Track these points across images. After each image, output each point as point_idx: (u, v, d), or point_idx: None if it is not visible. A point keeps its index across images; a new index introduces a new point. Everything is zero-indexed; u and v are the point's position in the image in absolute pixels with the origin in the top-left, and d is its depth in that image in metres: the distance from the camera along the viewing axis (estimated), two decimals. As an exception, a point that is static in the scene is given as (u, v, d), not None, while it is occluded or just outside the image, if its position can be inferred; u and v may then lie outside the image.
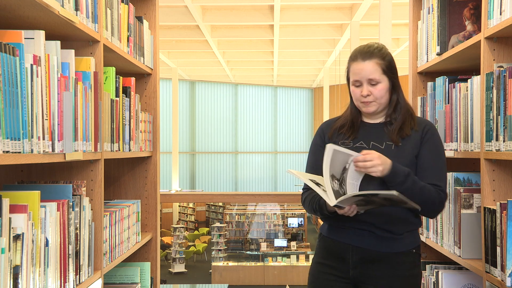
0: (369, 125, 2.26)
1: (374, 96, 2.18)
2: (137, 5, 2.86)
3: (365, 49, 2.19)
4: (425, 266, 2.81)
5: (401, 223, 2.17)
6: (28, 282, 1.46)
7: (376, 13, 10.47)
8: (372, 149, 2.15)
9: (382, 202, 2.04)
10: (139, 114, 2.71)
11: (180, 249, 14.76)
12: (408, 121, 2.20)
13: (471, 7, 2.54)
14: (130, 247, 2.57)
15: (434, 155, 2.18)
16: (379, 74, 2.16)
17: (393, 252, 2.17)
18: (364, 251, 2.17)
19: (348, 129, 2.26)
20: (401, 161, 2.10)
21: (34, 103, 1.52)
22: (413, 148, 2.17)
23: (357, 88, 2.20)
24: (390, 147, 2.17)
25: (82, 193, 1.92)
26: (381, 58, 2.17)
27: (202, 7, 11.75)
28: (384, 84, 2.18)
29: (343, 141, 2.23)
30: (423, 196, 2.10)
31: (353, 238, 2.19)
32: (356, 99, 2.21)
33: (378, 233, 2.16)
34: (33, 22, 1.75)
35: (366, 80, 2.17)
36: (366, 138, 2.22)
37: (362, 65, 2.17)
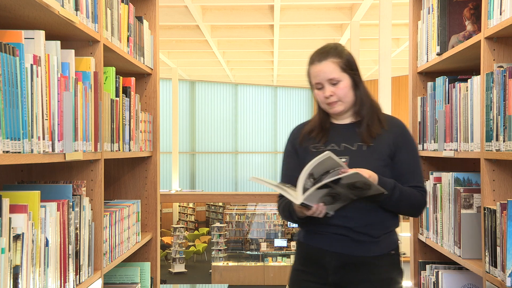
0: (339, 127, 2.24)
1: (337, 95, 2.15)
2: (137, 5, 2.86)
3: (321, 50, 2.20)
4: (425, 266, 2.81)
5: (378, 226, 2.15)
6: (28, 282, 1.46)
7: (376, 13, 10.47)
8: (344, 151, 2.15)
9: (347, 193, 2.02)
10: (139, 114, 2.71)
11: (180, 249, 14.76)
12: (375, 119, 2.19)
13: (471, 7, 2.54)
14: (130, 247, 2.57)
15: (413, 158, 2.20)
16: (338, 73, 2.15)
17: (371, 255, 2.14)
18: (341, 256, 2.15)
19: (318, 133, 2.24)
20: (374, 162, 2.11)
21: (34, 103, 1.52)
22: (386, 148, 2.16)
23: (320, 91, 2.18)
24: (361, 147, 2.16)
25: (82, 193, 1.92)
26: (337, 56, 2.16)
27: (202, 7, 11.75)
28: (346, 82, 2.16)
29: (314, 145, 2.22)
30: (410, 202, 2.14)
31: (330, 243, 2.16)
32: (321, 101, 2.19)
33: (355, 237, 2.13)
34: (33, 22, 1.75)
35: (326, 81, 2.15)
36: (337, 140, 2.20)
37: (319, 66, 2.16)
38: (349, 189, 2.00)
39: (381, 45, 9.29)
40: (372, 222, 2.14)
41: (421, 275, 2.86)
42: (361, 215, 2.12)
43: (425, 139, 2.82)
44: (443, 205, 2.54)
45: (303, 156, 2.22)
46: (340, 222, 2.12)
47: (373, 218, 2.14)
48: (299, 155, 2.25)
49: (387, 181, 2.09)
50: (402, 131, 2.21)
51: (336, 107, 2.17)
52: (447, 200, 2.49)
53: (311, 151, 2.20)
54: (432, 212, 2.69)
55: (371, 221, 2.14)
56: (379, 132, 2.17)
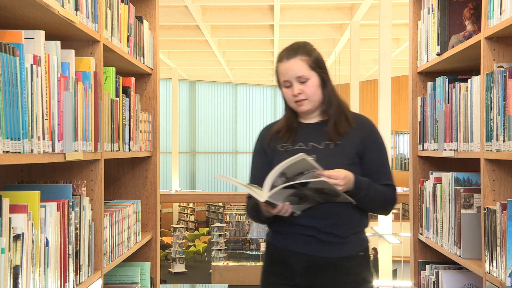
0: (306, 126, 2.23)
1: (305, 94, 2.15)
2: (137, 5, 2.86)
3: (289, 48, 2.19)
4: (425, 266, 2.81)
5: (346, 226, 2.14)
6: (28, 282, 1.46)
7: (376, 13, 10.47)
8: (311, 150, 2.14)
9: (315, 196, 2.01)
10: (139, 114, 2.71)
11: (180, 249, 14.77)
12: (342, 117, 2.18)
13: (471, 7, 2.54)
14: (130, 247, 2.57)
15: (381, 156, 2.21)
16: (307, 71, 2.14)
17: (339, 257, 2.12)
18: (309, 257, 2.12)
19: (285, 132, 2.22)
20: (341, 161, 2.11)
21: (34, 103, 1.52)
22: (353, 146, 2.16)
23: (288, 89, 2.17)
24: (328, 146, 2.16)
25: (82, 193, 1.92)
26: (306, 54, 2.15)
27: (202, 7, 11.75)
28: (314, 80, 2.15)
29: (282, 144, 2.20)
30: (383, 200, 2.16)
31: (298, 244, 2.13)
32: (289, 100, 2.18)
33: (322, 237, 2.11)
34: (33, 22, 1.75)
35: (294, 79, 2.14)
36: (305, 139, 2.19)
37: (288, 64, 2.15)
38: (316, 193, 2.00)
39: (381, 45, 9.29)
40: (340, 222, 2.12)
41: (421, 275, 2.86)
42: (328, 216, 2.11)
43: (425, 139, 2.82)
44: (443, 205, 2.54)
45: (271, 156, 2.21)
46: (306, 222, 2.11)
47: (340, 219, 2.13)
48: (268, 155, 2.24)
49: (363, 180, 2.09)
50: (369, 129, 2.21)
51: (304, 105, 2.16)
52: (447, 200, 2.49)
53: (279, 151, 2.19)
54: (432, 212, 2.69)
55: (339, 222, 2.12)
56: (347, 130, 2.16)
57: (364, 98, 20.03)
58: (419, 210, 2.91)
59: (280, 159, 2.09)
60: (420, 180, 2.89)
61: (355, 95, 13.25)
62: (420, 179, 2.90)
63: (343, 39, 14.07)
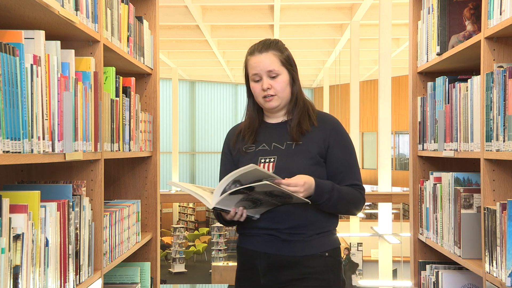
0: (271, 126, 2.20)
1: (275, 89, 2.11)
2: (137, 5, 2.86)
3: (262, 42, 2.16)
4: (425, 266, 2.81)
5: (310, 227, 2.09)
6: (28, 282, 1.46)
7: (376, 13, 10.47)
8: (273, 150, 2.11)
9: (268, 199, 1.97)
10: (139, 114, 2.71)
11: (180, 249, 14.77)
12: (305, 116, 2.14)
13: (471, 7, 2.54)
14: (130, 247, 2.57)
15: (347, 155, 2.15)
16: (278, 66, 2.11)
17: (301, 255, 2.07)
18: (270, 256, 2.09)
19: (248, 133, 2.19)
20: (302, 161, 2.06)
21: (34, 103, 1.52)
22: (316, 146, 2.11)
23: (257, 83, 2.13)
24: (290, 146, 2.11)
25: (82, 193, 1.92)
26: (278, 50, 2.13)
27: (202, 7, 11.75)
28: (284, 77, 2.12)
29: (245, 146, 2.17)
30: (349, 202, 2.10)
31: (260, 244, 2.11)
32: (257, 95, 2.14)
33: (284, 237, 2.07)
34: (33, 22, 1.75)
35: (265, 73, 2.11)
36: (268, 140, 2.15)
37: (260, 57, 2.12)
38: (268, 196, 1.94)
39: (381, 45, 9.30)
40: (303, 224, 2.08)
41: (421, 275, 2.86)
42: (290, 218, 2.07)
43: (425, 139, 2.82)
44: (443, 205, 2.54)
45: (237, 158, 2.19)
46: (269, 225, 2.08)
47: (303, 220, 2.08)
48: (234, 157, 2.21)
49: (325, 184, 2.04)
50: (333, 128, 2.16)
51: (272, 101, 2.13)
52: (447, 200, 2.49)
53: (244, 152, 2.17)
54: (432, 212, 2.69)
55: (302, 223, 2.08)
56: (309, 129, 2.12)
57: (364, 98, 20.03)
58: (419, 210, 2.91)
59: (244, 160, 2.10)
60: (420, 180, 2.89)
61: (355, 95, 13.26)
62: (420, 179, 2.90)
63: (343, 39, 14.07)
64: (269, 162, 2.10)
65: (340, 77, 18.16)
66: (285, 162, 2.07)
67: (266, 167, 2.08)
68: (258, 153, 2.12)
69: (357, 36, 12.48)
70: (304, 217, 2.08)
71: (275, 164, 2.07)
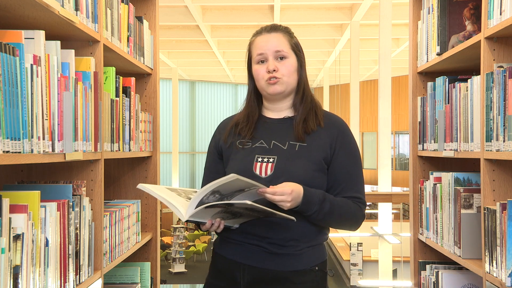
0: (271, 121, 1.96)
1: (281, 72, 1.89)
2: (137, 5, 2.86)
3: (270, 25, 1.97)
4: (425, 266, 2.81)
5: (302, 239, 1.87)
6: (28, 282, 1.46)
7: (376, 13, 10.48)
8: (272, 149, 1.87)
9: (249, 213, 1.76)
10: (139, 114, 2.71)
11: (180, 249, 14.76)
12: (312, 113, 1.93)
13: (471, 7, 2.54)
14: (130, 247, 2.57)
15: (352, 164, 1.91)
16: (287, 48, 1.91)
17: (290, 270, 1.85)
18: (256, 270, 1.86)
19: (245, 125, 1.94)
20: (305, 165, 1.84)
21: (34, 103, 1.52)
22: (322, 150, 1.88)
23: (261, 65, 1.91)
24: (293, 147, 1.88)
25: (82, 193, 1.92)
26: (288, 34, 1.95)
27: (202, 7, 11.75)
28: (292, 60, 1.91)
29: (240, 141, 1.92)
30: (343, 216, 1.87)
31: (244, 255, 1.87)
32: (260, 78, 1.91)
33: (273, 249, 1.85)
34: (33, 22, 1.75)
35: (272, 53, 1.90)
36: (268, 137, 1.91)
37: (268, 36, 1.92)
38: (248, 210, 1.74)
39: (381, 45, 9.30)
40: (296, 236, 1.86)
41: (421, 275, 2.86)
42: (282, 228, 1.84)
43: (425, 139, 2.82)
44: (443, 205, 2.54)
45: (228, 154, 1.95)
46: (260, 232, 1.85)
47: (296, 232, 1.86)
48: (224, 152, 1.96)
49: (315, 193, 1.81)
50: (341, 131, 1.93)
51: (276, 85, 1.89)
52: (447, 200, 2.49)
53: (237, 148, 1.92)
54: (432, 212, 2.69)
55: (295, 235, 1.86)
56: (314, 128, 1.90)
57: (364, 98, 20.03)
58: (419, 210, 2.91)
59: (238, 157, 1.88)
60: (420, 180, 2.89)
61: (355, 95, 13.27)
62: (420, 179, 2.90)
63: (343, 39, 14.07)
64: (267, 162, 1.86)
65: (340, 77, 18.17)
66: (286, 164, 1.85)
67: (264, 167, 1.86)
68: (255, 150, 1.89)
69: (357, 36, 12.48)
70: (297, 228, 1.85)
71: (274, 165, 1.85)
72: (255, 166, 1.86)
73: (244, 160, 1.89)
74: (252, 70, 1.96)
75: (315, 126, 1.91)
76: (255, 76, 1.94)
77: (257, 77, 1.93)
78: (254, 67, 1.94)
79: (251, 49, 1.97)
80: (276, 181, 1.79)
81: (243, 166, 1.88)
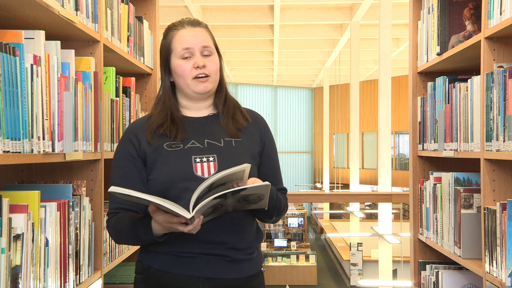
0: (194, 120, 1.83)
1: (209, 69, 1.78)
2: (137, 5, 2.86)
3: (190, 19, 1.85)
4: (425, 266, 2.81)
5: (253, 237, 1.81)
6: (28, 282, 1.46)
7: (376, 13, 10.48)
8: (208, 148, 1.76)
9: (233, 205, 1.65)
10: (139, 114, 2.71)
11: (180, 249, 14.76)
12: (237, 111, 1.86)
13: (471, 7, 2.54)
14: (130, 247, 2.57)
15: (276, 157, 1.90)
16: (212, 45, 1.81)
17: (244, 276, 1.77)
18: (216, 281, 1.73)
19: (171, 126, 1.79)
20: (246, 160, 1.74)
21: (34, 103, 1.52)
22: (255, 144, 1.83)
23: (188, 61, 1.77)
24: (230, 143, 1.79)
25: (82, 193, 1.92)
26: (209, 31, 1.85)
27: (202, 7, 11.76)
28: (217, 58, 1.82)
29: (169, 143, 1.77)
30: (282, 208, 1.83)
31: (203, 267, 1.72)
32: (186, 75, 1.77)
33: (232, 255, 1.74)
34: (33, 22, 1.75)
35: (199, 49, 1.78)
36: (198, 136, 1.79)
37: (194, 30, 1.80)
38: (238, 201, 1.64)
39: (381, 45, 9.31)
40: (248, 236, 1.79)
41: (421, 275, 2.86)
42: (237, 228, 1.75)
43: (425, 139, 2.82)
44: (443, 205, 2.54)
45: (153, 159, 1.76)
46: (216, 238, 1.72)
47: (248, 230, 1.79)
48: (148, 157, 1.76)
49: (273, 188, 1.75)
50: (265, 126, 1.90)
51: (207, 83, 1.78)
52: (447, 200, 2.49)
53: (166, 150, 1.76)
54: (432, 212, 2.69)
55: (248, 234, 1.79)
56: (244, 125, 1.84)
57: (364, 98, 20.04)
58: (419, 210, 2.91)
59: (168, 160, 1.74)
60: (420, 180, 2.89)
61: (355, 95, 13.28)
62: (420, 179, 2.90)
63: (343, 39, 14.08)
64: (207, 162, 1.74)
65: (340, 77, 18.17)
66: (228, 161, 1.74)
67: (206, 167, 1.73)
68: (189, 151, 1.75)
69: (357, 36, 12.49)
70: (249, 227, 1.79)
71: (216, 163, 1.73)
72: (195, 167, 1.72)
73: (179, 163, 1.74)
74: (173, 65, 1.80)
75: (244, 122, 1.85)
76: (179, 72, 1.78)
77: (182, 73, 1.78)
78: (177, 62, 1.79)
79: (172, 42, 1.80)
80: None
81: (181, 169, 1.73)
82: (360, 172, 15.22)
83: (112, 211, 1.79)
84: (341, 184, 19.47)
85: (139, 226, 1.70)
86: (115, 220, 1.76)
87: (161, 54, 1.84)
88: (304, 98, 25.86)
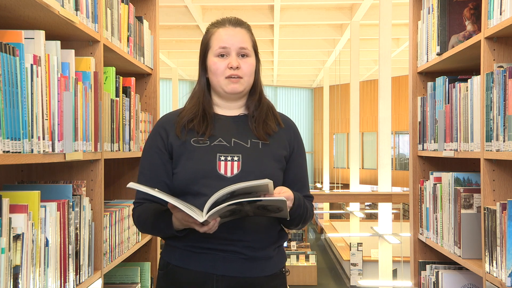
0: (225, 118, 1.84)
1: (243, 71, 1.78)
2: (137, 5, 2.86)
3: (232, 18, 1.86)
4: (425, 266, 2.81)
5: (271, 239, 1.80)
6: (28, 282, 1.46)
7: (376, 13, 10.48)
8: (234, 147, 1.77)
9: (252, 211, 1.66)
10: (139, 114, 2.71)
11: (180, 249, 14.75)
12: (270, 114, 1.86)
13: (471, 7, 2.54)
14: (130, 247, 2.57)
15: (305, 164, 1.91)
16: (250, 47, 1.82)
17: (264, 275, 1.77)
18: (231, 280, 1.73)
19: (201, 123, 1.80)
20: (271, 163, 1.77)
21: (34, 103, 1.52)
22: (282, 148, 1.83)
23: (223, 60, 1.78)
24: (256, 145, 1.79)
25: (82, 193, 1.92)
26: (250, 31, 1.86)
27: (202, 7, 11.76)
28: (253, 60, 1.82)
29: (195, 138, 1.78)
30: (306, 218, 1.83)
31: (218, 264, 1.73)
32: (220, 73, 1.78)
33: (249, 253, 1.74)
34: (33, 22, 1.75)
35: (236, 49, 1.79)
36: (226, 135, 1.79)
37: (234, 30, 1.81)
38: (257, 209, 1.65)
39: (381, 45, 9.30)
40: (267, 236, 1.78)
41: (421, 275, 2.86)
42: (255, 228, 1.75)
43: (425, 139, 2.82)
44: (443, 205, 2.54)
45: (179, 153, 1.78)
46: (232, 236, 1.73)
47: (270, 230, 1.79)
48: (175, 151, 1.79)
49: (299, 197, 1.77)
50: (295, 131, 1.90)
51: (237, 85, 1.78)
52: (447, 200, 2.49)
53: (192, 146, 1.78)
54: (432, 212, 2.69)
55: (268, 234, 1.79)
56: (275, 129, 1.83)
57: (364, 98, 20.04)
58: (419, 210, 2.91)
59: (193, 156, 1.75)
60: (420, 180, 2.89)
61: (355, 95, 13.27)
62: (420, 179, 2.90)
63: (343, 39, 14.08)
64: (232, 161, 1.75)
65: (340, 77, 18.17)
66: (252, 162, 1.75)
67: (230, 166, 1.74)
68: (214, 149, 1.76)
69: (357, 36, 12.48)
70: (270, 228, 1.80)
71: (240, 163, 1.74)
72: (218, 165, 1.73)
73: (203, 159, 1.75)
74: (209, 62, 1.81)
75: (276, 127, 1.85)
76: (213, 70, 1.80)
77: (216, 71, 1.79)
78: (213, 60, 1.80)
79: (211, 40, 1.82)
80: (243, 180, 1.65)
81: (205, 166, 1.74)
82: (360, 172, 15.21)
83: (137, 201, 1.84)
84: (341, 184, 19.48)
85: (161, 220, 1.74)
86: (139, 211, 1.81)
87: (200, 50, 1.86)
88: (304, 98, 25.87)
